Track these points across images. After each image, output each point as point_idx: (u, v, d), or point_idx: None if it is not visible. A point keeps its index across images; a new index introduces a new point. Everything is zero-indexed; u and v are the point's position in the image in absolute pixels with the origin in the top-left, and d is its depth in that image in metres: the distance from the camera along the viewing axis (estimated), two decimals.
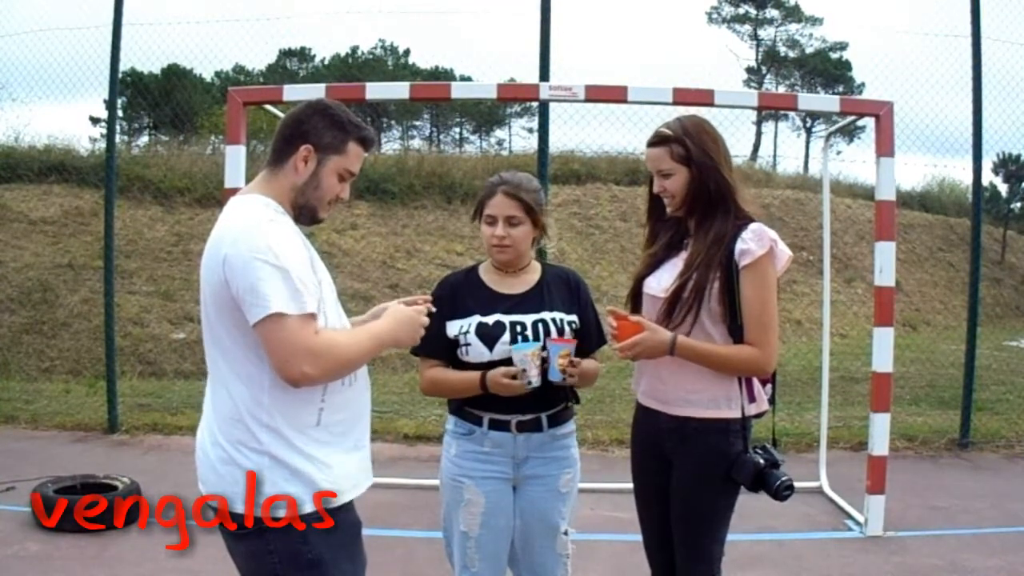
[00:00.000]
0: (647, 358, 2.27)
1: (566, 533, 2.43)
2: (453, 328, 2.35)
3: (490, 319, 2.34)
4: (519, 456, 2.37)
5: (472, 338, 2.32)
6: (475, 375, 2.31)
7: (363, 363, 1.85)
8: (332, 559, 1.79)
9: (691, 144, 2.26)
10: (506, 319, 2.33)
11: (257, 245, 1.67)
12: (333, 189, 1.87)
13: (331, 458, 1.79)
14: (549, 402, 2.38)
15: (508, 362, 2.29)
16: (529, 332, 2.32)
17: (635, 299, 2.44)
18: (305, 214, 1.87)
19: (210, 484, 1.79)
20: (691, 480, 2.28)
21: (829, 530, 4.37)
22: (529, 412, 2.35)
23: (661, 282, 2.32)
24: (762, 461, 2.20)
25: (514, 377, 2.24)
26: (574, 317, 2.40)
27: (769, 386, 2.36)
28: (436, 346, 2.33)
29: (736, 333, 2.21)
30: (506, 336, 2.31)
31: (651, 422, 2.37)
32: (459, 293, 2.41)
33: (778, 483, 2.19)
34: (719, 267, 2.21)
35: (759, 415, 2.34)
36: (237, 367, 1.74)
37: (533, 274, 2.46)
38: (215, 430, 1.78)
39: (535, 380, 2.25)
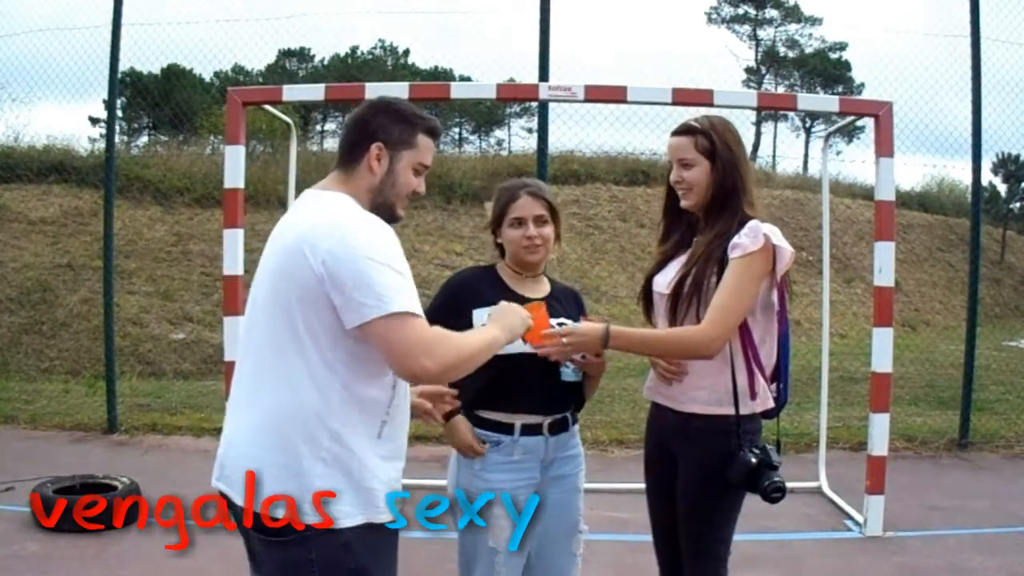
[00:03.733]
0: (582, 351, 2.24)
1: (581, 531, 2.44)
2: (478, 317, 2.27)
3: None
4: (548, 459, 2.35)
5: None
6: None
7: (481, 360, 1.79)
8: (374, 569, 1.75)
9: (717, 139, 2.27)
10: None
11: (366, 244, 1.65)
12: (410, 184, 1.86)
13: (381, 471, 1.75)
14: (571, 401, 2.39)
15: (526, 357, 2.24)
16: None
17: (646, 297, 2.45)
18: (383, 213, 1.83)
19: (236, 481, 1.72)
20: (694, 478, 2.28)
21: (829, 530, 4.36)
22: (557, 411, 2.35)
23: (666, 279, 2.34)
24: (754, 460, 2.19)
25: (473, 452, 2.28)
26: None
27: (775, 385, 2.36)
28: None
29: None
30: None
31: (660, 418, 2.39)
32: (480, 284, 2.38)
33: (767, 484, 2.18)
34: (716, 263, 2.22)
35: (764, 414, 2.34)
36: (312, 367, 1.68)
37: (545, 284, 2.47)
38: (270, 430, 1.70)
39: (572, 375, 2.28)
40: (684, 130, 2.32)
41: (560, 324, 2.25)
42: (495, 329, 1.87)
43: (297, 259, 1.67)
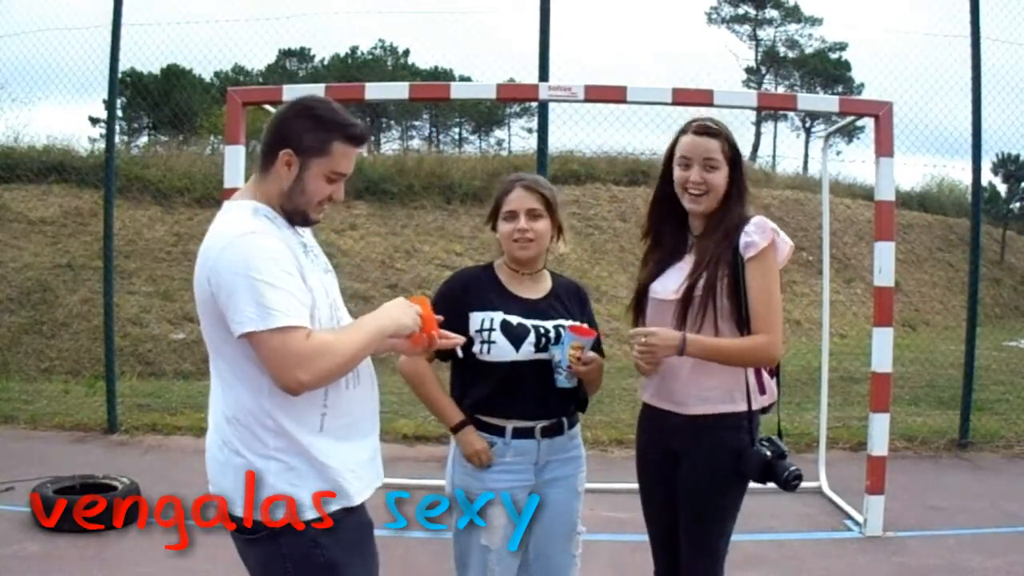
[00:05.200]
0: (659, 353, 2.24)
1: (579, 533, 2.44)
2: (475, 320, 2.28)
3: (513, 319, 2.29)
4: (541, 461, 2.35)
5: (498, 335, 2.26)
6: (456, 413, 2.31)
7: (362, 357, 1.77)
8: (346, 562, 1.77)
9: (735, 145, 2.30)
10: (528, 322, 2.30)
11: (237, 259, 1.65)
12: (320, 192, 1.79)
13: (337, 461, 1.77)
14: (568, 404, 2.39)
15: (533, 364, 2.27)
16: (552, 337, 2.30)
17: (639, 304, 2.44)
18: (296, 219, 1.82)
19: (217, 485, 1.78)
20: (701, 475, 2.29)
21: (828, 530, 4.36)
22: (552, 416, 2.35)
23: (668, 286, 2.32)
24: (769, 453, 2.22)
25: (479, 459, 2.28)
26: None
27: (773, 379, 2.38)
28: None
29: (742, 325, 2.22)
30: (531, 337, 2.27)
31: (659, 420, 2.38)
32: (478, 286, 2.36)
33: (787, 473, 2.21)
34: (727, 264, 2.22)
35: (767, 408, 2.36)
36: (237, 371, 1.73)
37: (546, 282, 2.44)
38: (222, 432, 1.77)
39: (566, 382, 2.27)
40: (712, 131, 2.29)
41: (518, 325, 2.27)
42: (383, 319, 1.81)
43: (200, 276, 1.72)
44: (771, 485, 2.24)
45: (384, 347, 1.92)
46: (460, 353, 2.19)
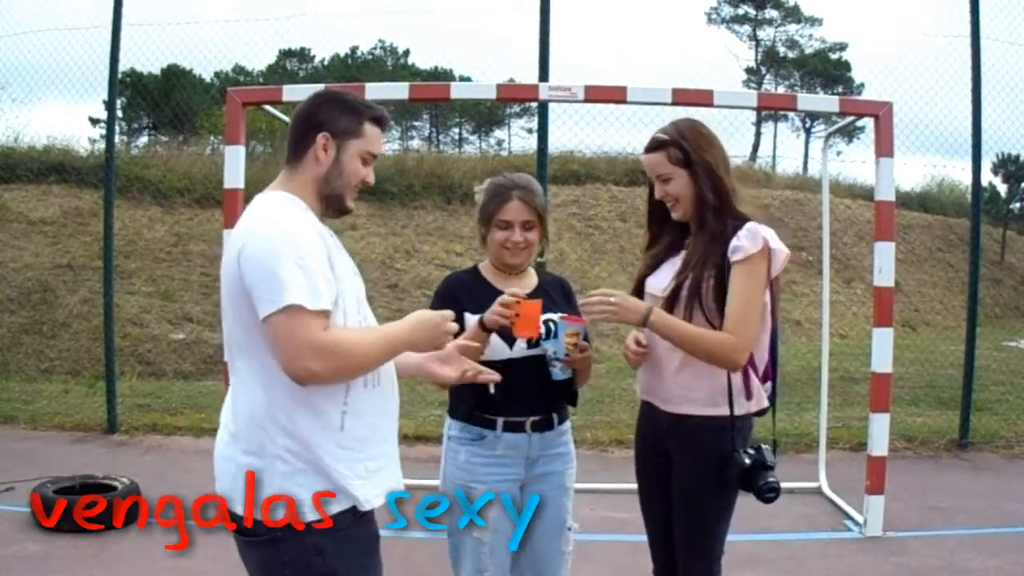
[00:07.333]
0: (619, 321, 2.27)
1: (570, 529, 2.46)
2: (471, 322, 2.31)
3: None
4: (532, 456, 2.37)
5: (493, 335, 2.30)
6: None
7: (376, 364, 1.76)
8: (346, 572, 1.75)
9: (688, 146, 2.27)
10: None
11: (272, 238, 1.65)
12: (358, 173, 1.85)
13: (347, 465, 1.74)
14: (559, 399, 2.41)
15: (526, 361, 2.30)
16: (543, 332, 2.31)
17: (637, 298, 2.45)
18: (333, 204, 1.84)
19: (221, 483, 1.77)
20: (689, 477, 2.30)
21: (828, 530, 4.37)
22: (541, 412, 2.37)
23: (660, 281, 2.34)
24: (748, 461, 2.21)
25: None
26: None
27: (769, 384, 2.37)
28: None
29: None
30: None
31: (652, 419, 2.40)
32: (469, 289, 2.41)
33: (762, 484, 2.20)
34: (714, 266, 2.23)
35: (759, 413, 2.36)
36: (256, 366, 1.71)
37: (531, 279, 2.48)
38: (231, 428, 1.76)
39: (560, 374, 2.29)
40: (655, 146, 2.32)
41: (549, 321, 2.28)
42: (400, 338, 1.79)
43: (229, 260, 1.72)
44: None
45: (418, 373, 2.02)
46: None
